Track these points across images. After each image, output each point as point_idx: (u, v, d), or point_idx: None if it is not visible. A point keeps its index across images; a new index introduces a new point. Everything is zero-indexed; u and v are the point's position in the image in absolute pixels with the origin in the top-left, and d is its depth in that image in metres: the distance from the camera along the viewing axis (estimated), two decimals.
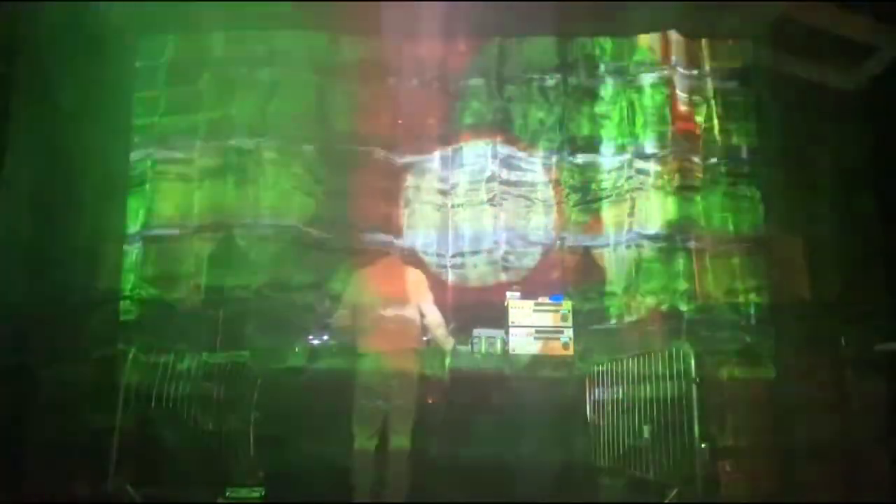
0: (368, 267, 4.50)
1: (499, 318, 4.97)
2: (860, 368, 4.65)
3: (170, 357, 4.41)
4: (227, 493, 4.09)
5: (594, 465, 4.59)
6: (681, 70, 5.68)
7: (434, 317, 4.32)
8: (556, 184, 5.71)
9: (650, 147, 5.65)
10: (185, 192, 5.53)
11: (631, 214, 5.57)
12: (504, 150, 5.76)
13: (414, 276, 4.44)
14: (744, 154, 5.60)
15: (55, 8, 4.68)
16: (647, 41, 5.78)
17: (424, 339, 4.43)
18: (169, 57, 5.68)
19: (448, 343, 4.41)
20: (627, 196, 5.61)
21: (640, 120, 5.71)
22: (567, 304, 4.95)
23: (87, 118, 5.02)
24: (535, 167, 5.76)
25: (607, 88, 5.80)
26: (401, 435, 4.03)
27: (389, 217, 5.55)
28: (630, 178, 5.62)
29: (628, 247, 5.53)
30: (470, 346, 4.84)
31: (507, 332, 4.87)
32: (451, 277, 5.52)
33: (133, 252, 5.40)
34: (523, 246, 5.63)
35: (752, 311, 5.30)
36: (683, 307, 5.28)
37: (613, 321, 5.40)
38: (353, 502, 3.94)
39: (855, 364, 4.69)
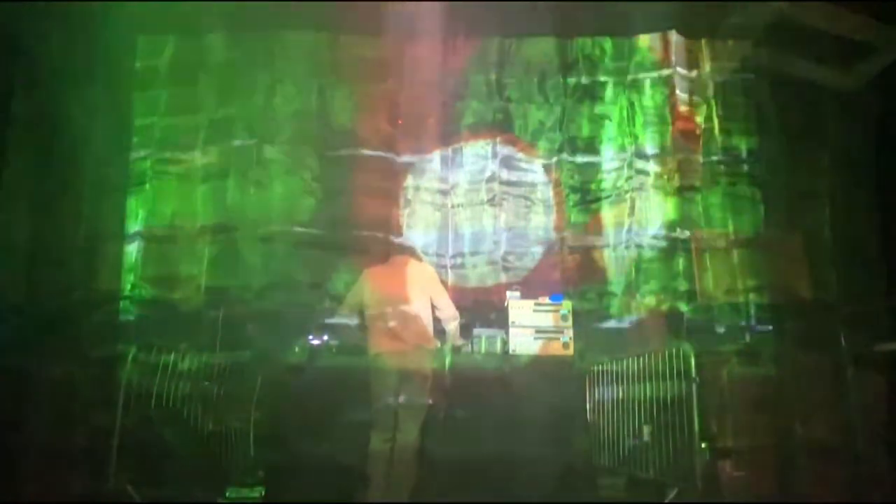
0: (378, 266, 4.50)
1: (499, 318, 4.96)
2: (860, 368, 4.64)
3: (170, 357, 4.40)
4: (227, 493, 4.10)
5: (594, 464, 4.59)
6: (681, 70, 5.68)
7: (448, 311, 4.34)
8: (556, 184, 5.70)
9: (650, 147, 5.65)
10: (185, 192, 5.53)
11: (631, 214, 5.57)
12: (504, 150, 5.76)
13: (426, 271, 4.47)
14: (744, 154, 5.60)
15: (55, 8, 4.68)
16: (647, 41, 5.77)
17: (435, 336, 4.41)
18: (169, 57, 5.68)
19: (459, 339, 4.42)
20: (627, 196, 5.60)
21: (640, 120, 5.71)
22: (567, 304, 4.94)
23: (87, 118, 5.02)
24: (535, 167, 5.76)
25: (607, 88, 5.80)
26: (409, 434, 4.03)
27: (389, 217, 5.55)
28: (630, 178, 5.62)
29: (628, 247, 5.53)
30: (470, 346, 4.84)
31: (507, 332, 4.87)
32: (451, 277, 5.52)
33: (133, 252, 5.39)
34: (523, 246, 5.62)
35: (752, 310, 5.30)
36: (683, 307, 5.28)
37: (613, 321, 5.40)
38: (354, 502, 3.94)
39: (855, 364, 4.69)
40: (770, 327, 5.15)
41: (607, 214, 5.66)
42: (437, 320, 4.35)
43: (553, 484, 4.20)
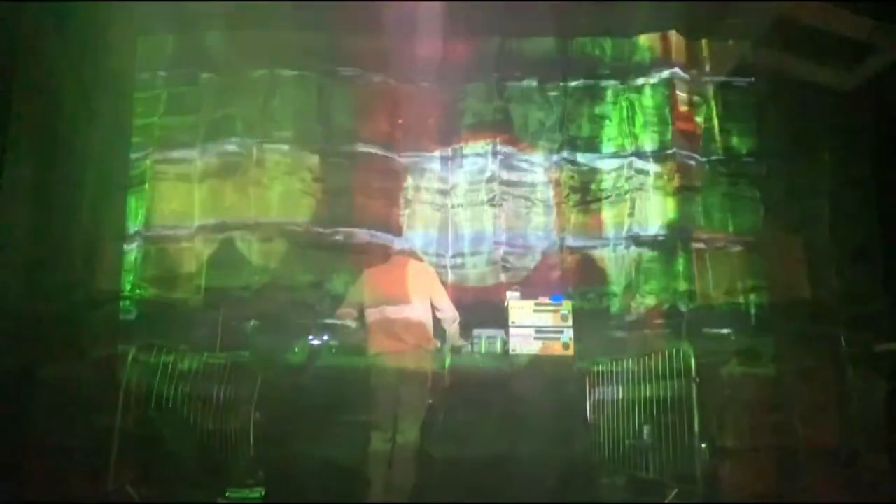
0: (378, 266, 4.51)
1: (499, 318, 4.97)
2: (860, 368, 4.65)
3: (170, 357, 4.40)
4: (227, 493, 4.09)
5: (594, 464, 4.59)
6: (681, 70, 5.68)
7: (448, 311, 4.34)
8: (556, 184, 5.71)
9: (650, 147, 5.66)
10: (185, 192, 5.54)
11: (631, 214, 5.58)
12: (504, 150, 5.77)
13: (426, 271, 4.47)
14: (744, 154, 5.61)
15: (55, 8, 4.68)
16: (647, 41, 5.78)
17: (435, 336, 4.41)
18: (169, 57, 5.68)
19: (459, 339, 4.43)
20: (627, 196, 5.61)
21: (640, 120, 5.72)
22: (567, 304, 4.95)
23: (87, 118, 5.02)
24: (535, 167, 5.77)
25: (607, 88, 5.81)
26: (409, 434, 4.03)
27: (389, 217, 5.55)
28: (630, 178, 5.62)
29: (628, 247, 5.53)
30: (470, 347, 4.84)
31: (507, 332, 4.87)
32: (451, 277, 5.53)
33: (133, 252, 5.40)
34: (523, 246, 5.63)
35: (752, 310, 5.30)
36: (683, 307, 5.28)
37: (613, 321, 5.40)
38: (353, 502, 3.95)
39: (855, 364, 4.69)
40: (770, 327, 5.15)
41: (607, 214, 5.67)
42: (437, 320, 4.35)
43: (553, 484, 4.20)
